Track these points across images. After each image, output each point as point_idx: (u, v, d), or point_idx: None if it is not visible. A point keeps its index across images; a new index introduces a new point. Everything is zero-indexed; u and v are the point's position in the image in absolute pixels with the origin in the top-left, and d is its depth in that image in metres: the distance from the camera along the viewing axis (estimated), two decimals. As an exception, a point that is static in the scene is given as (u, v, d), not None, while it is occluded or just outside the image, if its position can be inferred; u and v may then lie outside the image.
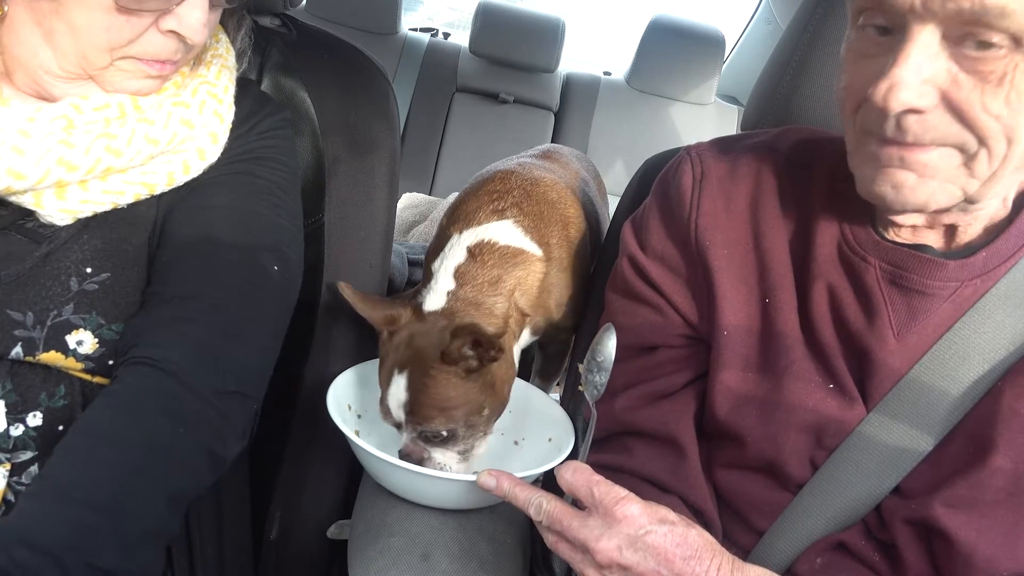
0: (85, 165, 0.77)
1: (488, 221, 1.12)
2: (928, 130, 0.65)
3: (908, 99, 0.63)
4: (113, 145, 0.78)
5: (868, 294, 0.77)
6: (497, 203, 1.14)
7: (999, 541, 0.70)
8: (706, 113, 2.99)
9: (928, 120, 0.64)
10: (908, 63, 0.63)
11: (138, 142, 0.80)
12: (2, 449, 0.79)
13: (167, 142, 0.82)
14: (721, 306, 0.84)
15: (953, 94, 0.63)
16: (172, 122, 0.83)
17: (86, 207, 0.80)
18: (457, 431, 0.99)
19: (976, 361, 0.74)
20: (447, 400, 0.97)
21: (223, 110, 0.88)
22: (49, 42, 0.75)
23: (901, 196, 0.69)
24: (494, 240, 1.10)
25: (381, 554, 0.89)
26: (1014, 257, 0.74)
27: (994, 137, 0.64)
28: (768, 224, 0.84)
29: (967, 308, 0.75)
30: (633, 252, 0.93)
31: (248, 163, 0.91)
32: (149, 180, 0.83)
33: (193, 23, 0.76)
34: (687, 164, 0.90)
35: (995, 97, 0.62)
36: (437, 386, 0.97)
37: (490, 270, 1.08)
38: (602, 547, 0.70)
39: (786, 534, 0.80)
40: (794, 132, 0.91)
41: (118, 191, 0.81)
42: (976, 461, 0.71)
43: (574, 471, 0.75)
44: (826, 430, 0.79)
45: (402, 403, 0.98)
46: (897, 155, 0.67)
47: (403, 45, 3.02)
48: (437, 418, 0.97)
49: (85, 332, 0.80)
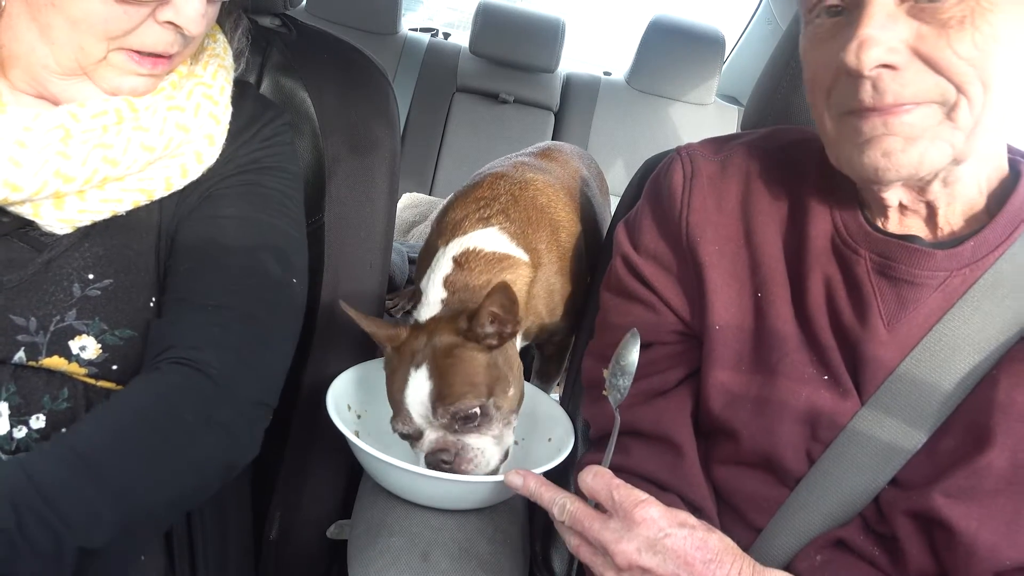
0: (82, 176, 0.77)
1: (473, 230, 1.12)
2: (906, 85, 0.66)
3: (879, 55, 0.65)
4: (109, 155, 0.78)
5: (858, 286, 0.78)
6: (483, 210, 1.14)
7: (1001, 530, 0.70)
8: (706, 113, 2.99)
9: (904, 76, 0.66)
10: (872, 21, 0.66)
11: (134, 150, 0.80)
12: (5, 450, 0.79)
13: (163, 148, 0.82)
14: (712, 301, 0.85)
15: (922, 47, 0.66)
16: (168, 127, 0.82)
17: (84, 216, 0.80)
18: (489, 408, 0.97)
19: (967, 351, 0.75)
20: (476, 374, 0.97)
21: (219, 112, 0.88)
22: (46, 37, 0.75)
23: (894, 161, 0.69)
24: (479, 248, 1.10)
25: (381, 554, 0.90)
26: (1002, 246, 0.75)
27: (969, 81, 0.66)
28: (760, 220, 0.85)
29: (957, 298, 0.76)
30: (626, 251, 0.94)
31: (255, 173, 0.91)
32: (147, 186, 0.83)
33: (191, 14, 0.76)
34: (677, 163, 0.91)
35: (961, 41, 0.65)
36: (463, 363, 0.97)
37: (477, 276, 1.08)
38: (621, 549, 0.70)
39: (784, 530, 0.80)
40: (784, 131, 0.93)
41: (116, 199, 0.81)
42: (974, 451, 0.72)
43: (595, 475, 0.76)
44: (820, 422, 0.79)
45: (427, 394, 0.96)
46: (880, 122, 0.69)
47: (403, 45, 3.02)
48: (468, 393, 0.96)
49: (88, 337, 0.80)
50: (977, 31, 0.64)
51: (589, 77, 3.09)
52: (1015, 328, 0.74)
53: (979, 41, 0.65)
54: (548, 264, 1.16)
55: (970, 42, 0.65)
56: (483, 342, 0.98)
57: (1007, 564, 0.70)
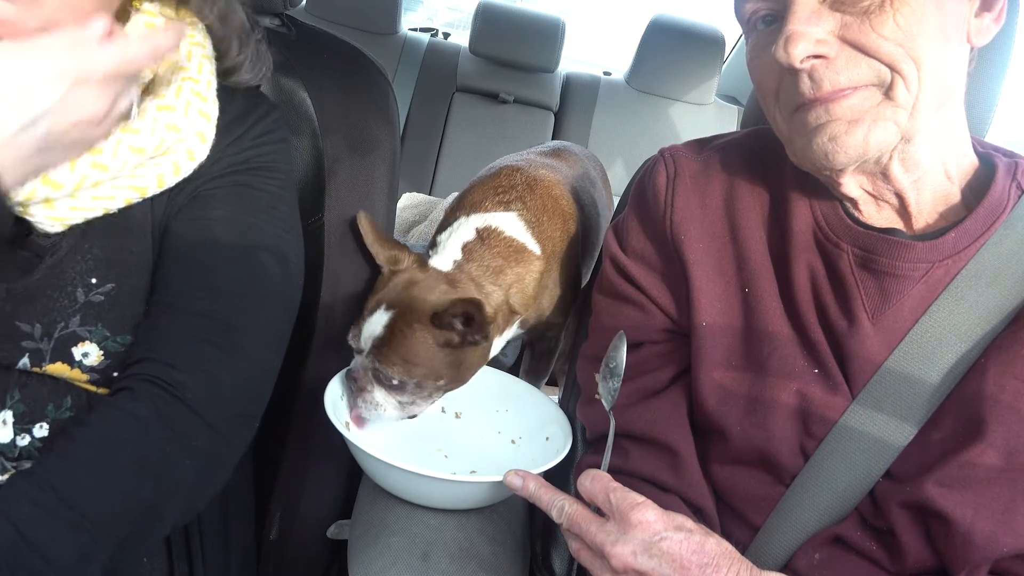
0: (71, 183, 0.75)
1: (495, 210, 1.15)
2: (839, 72, 0.71)
3: (806, 47, 0.70)
4: (99, 160, 0.76)
5: (842, 279, 0.79)
6: (503, 196, 1.17)
7: (997, 518, 0.70)
8: (706, 113, 2.99)
9: (836, 64, 0.71)
10: (796, 18, 0.70)
11: (123, 153, 0.78)
12: (8, 458, 0.78)
13: (154, 148, 0.81)
14: (698, 299, 0.85)
15: (848, 35, 0.70)
16: (158, 128, 0.81)
17: (76, 214, 0.78)
18: (407, 384, 1.02)
19: (953, 342, 0.75)
20: (414, 356, 1.00)
21: (208, 108, 0.85)
22: None
23: (841, 144, 0.72)
24: (500, 228, 1.13)
25: (381, 554, 0.90)
26: (983, 236, 0.76)
27: (900, 59, 0.69)
28: (744, 217, 0.86)
29: (940, 290, 0.77)
30: (615, 253, 0.95)
31: (245, 174, 0.89)
32: (139, 183, 0.81)
33: None
34: (660, 164, 0.93)
35: (884, 24, 0.69)
36: (412, 340, 1.00)
37: (495, 257, 1.11)
38: (617, 552, 0.70)
39: (782, 529, 0.80)
40: (766, 131, 0.93)
41: (108, 196, 0.80)
42: (967, 441, 0.72)
43: (592, 479, 0.76)
44: (812, 417, 0.79)
45: (374, 337, 1.01)
46: (823, 110, 0.72)
47: (403, 45, 3.02)
48: (397, 366, 1.00)
49: (91, 344, 0.80)
50: (898, 12, 0.69)
51: (589, 77, 3.09)
52: (1000, 317, 0.75)
53: (901, 22, 0.69)
54: (556, 255, 1.18)
55: (892, 24, 0.69)
56: (444, 332, 1.00)
57: (1004, 552, 0.70)
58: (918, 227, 0.80)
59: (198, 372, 0.79)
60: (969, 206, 0.79)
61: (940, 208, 0.79)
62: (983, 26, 0.75)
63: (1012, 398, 0.71)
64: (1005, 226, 0.76)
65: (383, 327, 1.00)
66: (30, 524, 0.68)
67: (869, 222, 0.81)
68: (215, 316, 0.82)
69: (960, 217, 0.78)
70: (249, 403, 0.84)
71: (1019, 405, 0.71)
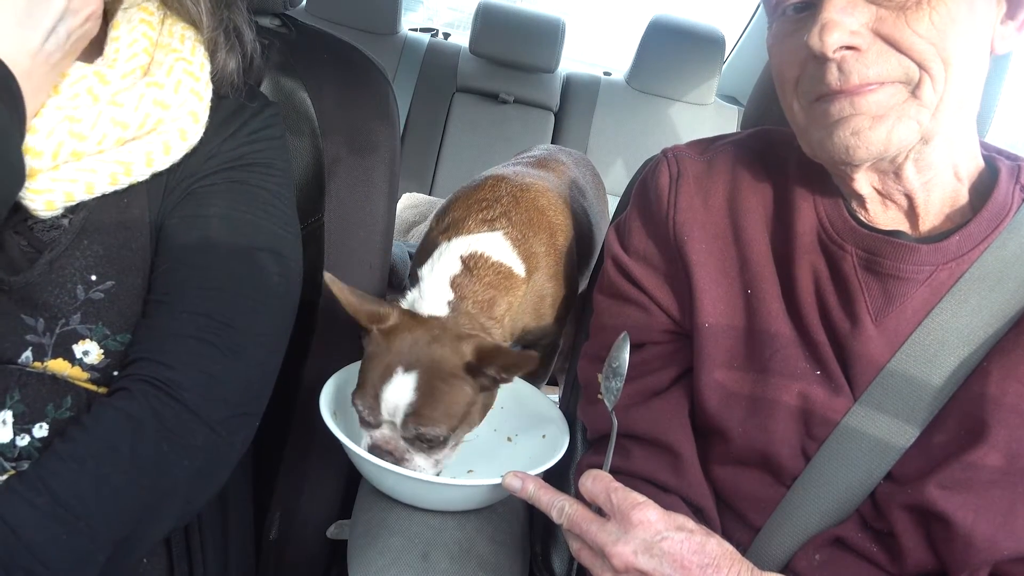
0: (49, 150, 0.75)
1: (478, 231, 1.12)
2: (869, 66, 0.70)
3: (841, 37, 0.69)
4: (75, 129, 0.76)
5: (845, 281, 0.79)
6: (486, 212, 1.14)
7: (997, 521, 0.70)
8: (706, 113, 2.99)
9: (867, 57, 0.70)
10: (833, 7, 0.69)
11: (104, 125, 0.77)
12: (7, 458, 0.78)
13: (138, 125, 0.80)
14: (701, 299, 0.85)
15: (882, 29, 0.69)
16: (144, 103, 0.80)
17: (58, 188, 0.77)
18: (448, 440, 0.99)
19: (956, 345, 0.75)
20: (456, 408, 0.98)
21: (200, 88, 0.85)
22: None
23: (863, 139, 0.72)
24: (486, 254, 1.09)
25: (381, 554, 0.90)
26: (987, 240, 0.76)
27: (931, 59, 0.69)
28: (747, 217, 0.86)
29: (944, 292, 0.77)
30: (616, 253, 0.95)
31: (241, 171, 0.88)
32: (125, 159, 0.80)
33: None
34: (663, 164, 0.92)
35: (919, 21, 0.69)
36: (454, 393, 0.97)
37: (486, 289, 1.08)
38: (618, 551, 0.70)
39: (782, 530, 0.80)
40: (770, 131, 0.94)
41: (90, 169, 0.78)
42: (968, 443, 0.72)
43: (594, 479, 0.76)
44: (814, 418, 0.79)
45: (406, 403, 0.96)
46: (848, 103, 0.71)
47: (403, 45, 3.02)
48: (442, 423, 0.97)
49: (91, 343, 0.80)
50: (934, 11, 0.68)
51: (589, 77, 3.09)
52: (1003, 320, 0.75)
53: (936, 21, 0.68)
54: (543, 269, 1.16)
55: (928, 22, 0.68)
56: (479, 379, 0.99)
57: (1005, 555, 0.70)
58: (924, 229, 0.79)
59: (196, 371, 0.79)
60: (975, 208, 0.78)
61: (947, 210, 0.79)
62: (1007, 33, 0.75)
63: (1014, 401, 0.71)
64: (1009, 230, 0.76)
65: (412, 392, 0.96)
66: (26, 527, 0.68)
67: (873, 223, 0.80)
68: (212, 315, 0.81)
69: (965, 220, 0.78)
70: (248, 403, 0.84)
71: (1021, 408, 0.71)
